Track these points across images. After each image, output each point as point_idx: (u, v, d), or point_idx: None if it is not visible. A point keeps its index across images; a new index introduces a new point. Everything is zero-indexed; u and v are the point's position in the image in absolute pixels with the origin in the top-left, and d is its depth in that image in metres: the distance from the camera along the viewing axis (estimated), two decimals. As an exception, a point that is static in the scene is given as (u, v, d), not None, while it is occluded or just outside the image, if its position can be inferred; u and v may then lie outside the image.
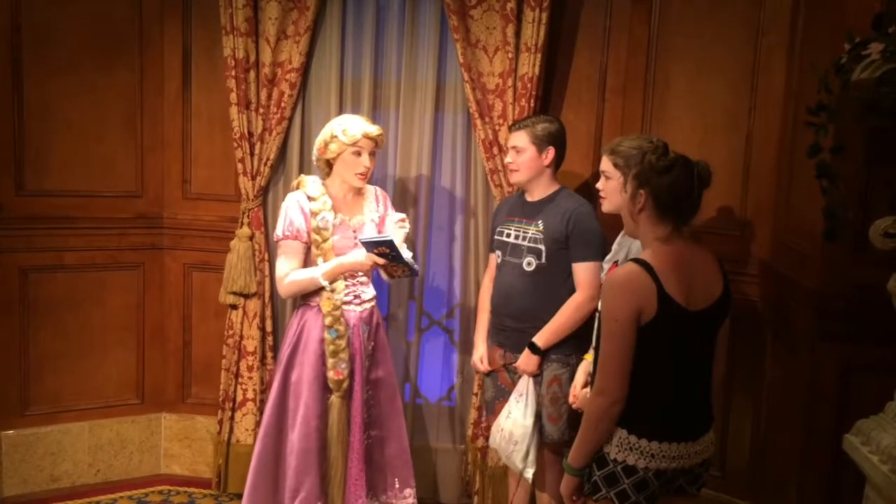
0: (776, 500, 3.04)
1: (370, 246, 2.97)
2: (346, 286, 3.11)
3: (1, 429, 3.69)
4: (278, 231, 3.09)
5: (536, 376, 3.06)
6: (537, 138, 3.05)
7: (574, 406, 2.88)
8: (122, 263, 3.87)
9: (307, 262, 3.10)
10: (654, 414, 2.21)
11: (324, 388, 3.08)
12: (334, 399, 3.08)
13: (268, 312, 3.72)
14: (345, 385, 3.07)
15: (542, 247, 3.04)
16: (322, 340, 3.07)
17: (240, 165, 3.64)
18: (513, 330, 3.12)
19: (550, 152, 3.07)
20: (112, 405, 3.92)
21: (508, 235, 3.14)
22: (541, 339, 3.02)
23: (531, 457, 3.06)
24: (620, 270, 2.23)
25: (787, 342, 3.00)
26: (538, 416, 3.06)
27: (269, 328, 3.73)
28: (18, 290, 3.67)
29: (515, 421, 3.04)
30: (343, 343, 3.06)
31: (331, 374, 3.06)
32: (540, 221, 3.06)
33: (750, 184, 3.28)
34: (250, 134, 3.63)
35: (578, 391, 2.85)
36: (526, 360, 3.04)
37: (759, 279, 3.21)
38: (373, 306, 3.23)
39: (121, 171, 3.82)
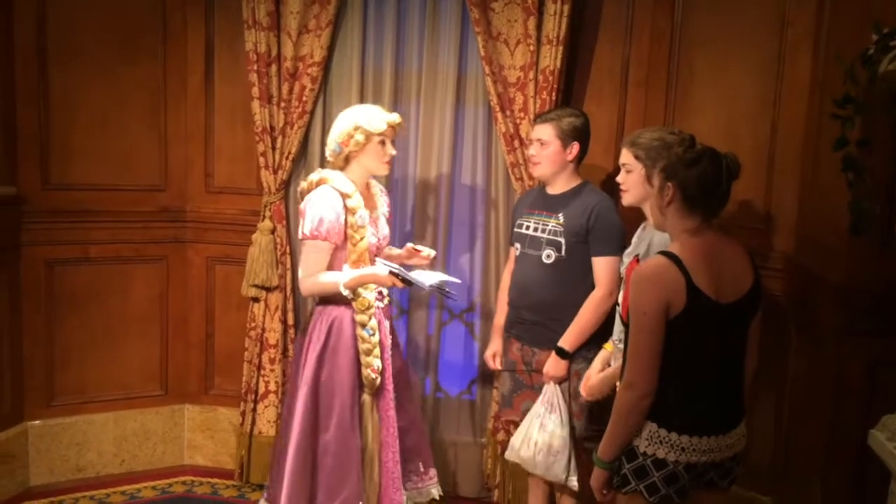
0: (799, 496, 3.02)
1: (397, 275, 2.90)
2: None
3: (27, 419, 3.75)
4: (305, 229, 2.94)
5: (562, 383, 3.03)
6: (563, 133, 3.03)
7: (583, 393, 2.85)
8: (145, 256, 3.90)
9: (332, 260, 3.01)
10: (683, 407, 2.20)
11: (357, 388, 3.02)
12: (366, 397, 3.03)
13: (289, 305, 3.74)
14: (378, 382, 3.03)
15: (562, 240, 3.02)
16: (354, 339, 3.00)
17: (262, 159, 3.66)
18: (531, 323, 3.11)
19: (575, 147, 3.05)
20: (136, 396, 3.96)
21: (528, 228, 3.13)
22: (567, 342, 2.99)
23: (573, 464, 3.02)
24: (648, 263, 2.22)
25: (812, 337, 2.97)
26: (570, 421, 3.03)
27: (290, 321, 3.75)
28: (44, 282, 3.72)
29: (553, 432, 2.99)
30: (376, 341, 3.01)
31: (367, 372, 2.99)
32: (561, 215, 3.04)
33: (774, 177, 3.24)
34: (272, 128, 3.64)
35: (593, 379, 2.82)
36: (554, 365, 3.01)
37: (783, 273, 3.18)
38: (389, 300, 3.22)
39: (144, 165, 3.85)
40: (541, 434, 3.01)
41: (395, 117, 3.04)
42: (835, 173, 2.50)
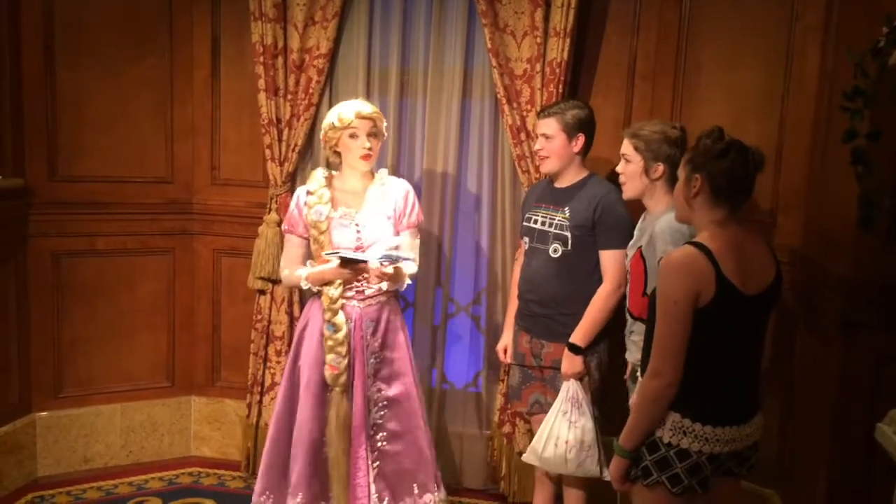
0: (805, 490, 3.01)
1: (346, 262, 2.89)
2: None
3: (35, 410, 3.77)
4: (284, 224, 3.19)
5: (583, 378, 3.02)
6: (567, 125, 3.02)
7: None
8: (152, 248, 3.92)
9: (310, 255, 3.09)
10: (708, 397, 2.21)
11: (323, 382, 3.00)
12: (335, 394, 2.98)
13: (295, 298, 3.75)
14: (342, 380, 2.98)
15: (568, 234, 3.02)
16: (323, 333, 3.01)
17: (268, 151, 3.66)
18: (539, 316, 3.10)
19: (580, 139, 3.04)
20: (143, 388, 3.98)
21: (536, 222, 3.12)
22: (578, 337, 2.97)
23: (604, 456, 2.99)
24: (678, 252, 2.21)
25: (818, 330, 2.97)
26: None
27: (296, 313, 3.74)
28: (51, 274, 3.74)
29: (584, 426, 2.97)
30: (340, 338, 2.95)
31: (324, 367, 2.99)
32: (567, 208, 3.04)
33: (782, 170, 3.24)
34: (278, 120, 3.64)
35: None
36: (570, 362, 2.99)
37: (790, 267, 3.17)
38: (382, 302, 3.07)
39: (151, 158, 3.86)
40: (572, 431, 2.97)
41: (367, 108, 2.99)
42: (843, 166, 2.49)
